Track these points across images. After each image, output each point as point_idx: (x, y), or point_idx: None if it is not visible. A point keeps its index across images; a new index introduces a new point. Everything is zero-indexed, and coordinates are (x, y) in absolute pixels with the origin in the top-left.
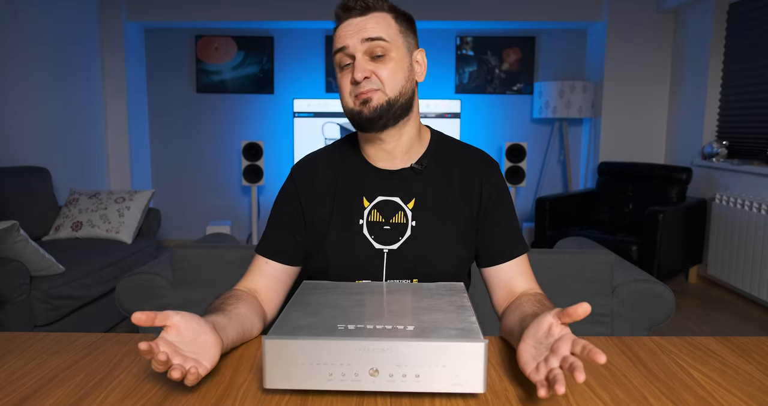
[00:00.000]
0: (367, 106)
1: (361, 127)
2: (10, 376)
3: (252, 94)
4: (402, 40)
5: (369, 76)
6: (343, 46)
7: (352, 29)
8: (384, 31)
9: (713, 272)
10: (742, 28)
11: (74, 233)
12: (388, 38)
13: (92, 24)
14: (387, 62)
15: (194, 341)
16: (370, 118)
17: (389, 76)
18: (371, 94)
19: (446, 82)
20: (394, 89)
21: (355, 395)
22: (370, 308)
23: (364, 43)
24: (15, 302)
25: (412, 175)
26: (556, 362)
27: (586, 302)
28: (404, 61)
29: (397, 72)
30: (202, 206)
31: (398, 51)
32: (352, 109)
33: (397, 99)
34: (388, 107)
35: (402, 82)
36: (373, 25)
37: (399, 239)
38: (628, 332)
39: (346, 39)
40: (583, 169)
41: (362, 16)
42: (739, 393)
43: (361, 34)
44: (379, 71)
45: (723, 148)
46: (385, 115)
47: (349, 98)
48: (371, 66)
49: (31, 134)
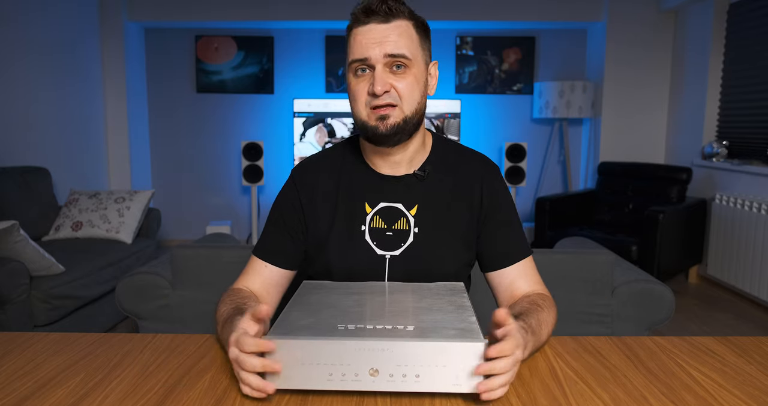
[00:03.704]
0: (384, 123)
1: (374, 142)
2: (10, 376)
3: (252, 94)
4: (421, 53)
5: (389, 90)
6: (364, 58)
7: (374, 38)
8: (406, 46)
9: (713, 272)
10: (742, 28)
11: (74, 233)
12: (410, 55)
13: (92, 24)
14: (407, 77)
15: None
16: (386, 135)
17: (408, 92)
18: (389, 110)
19: (446, 82)
20: (410, 106)
21: (355, 395)
22: (370, 308)
23: (387, 57)
24: (15, 302)
25: (414, 181)
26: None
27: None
28: (422, 76)
29: (415, 87)
30: (202, 206)
31: (418, 67)
32: (365, 122)
33: (413, 117)
34: (404, 125)
35: (418, 99)
36: (396, 37)
37: (401, 245)
38: (628, 332)
39: (368, 50)
40: (583, 169)
41: (385, 24)
42: (739, 393)
43: (384, 47)
44: (398, 85)
45: (723, 148)
46: (400, 133)
47: (364, 109)
48: (391, 79)
49: (31, 134)
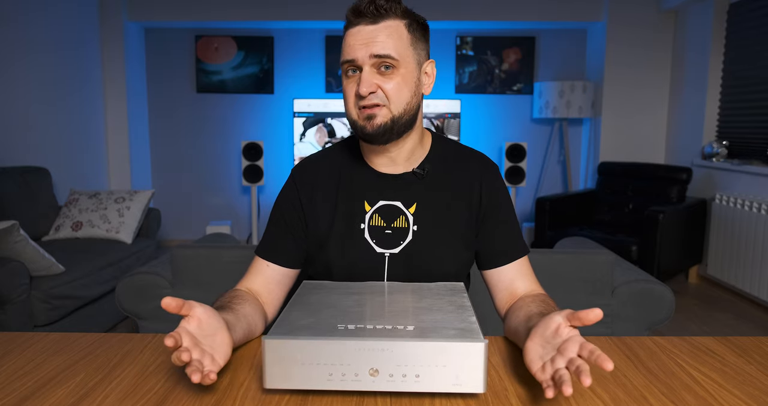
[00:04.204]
0: (371, 122)
1: (364, 140)
2: (10, 376)
3: (252, 94)
4: (412, 53)
5: (375, 91)
6: (351, 59)
7: (361, 39)
8: (394, 47)
9: (713, 272)
10: (742, 28)
11: (74, 233)
12: (398, 55)
13: (92, 24)
14: (394, 77)
15: (212, 337)
16: (373, 135)
17: (395, 93)
18: (376, 110)
19: (446, 82)
20: (399, 106)
21: (355, 395)
22: (370, 308)
23: (373, 58)
24: (15, 302)
25: (413, 179)
26: (563, 362)
27: (599, 309)
28: (412, 77)
29: (403, 88)
30: (202, 206)
31: (407, 67)
32: (356, 121)
33: (402, 116)
34: (392, 125)
35: (407, 99)
36: (384, 38)
37: (400, 243)
38: (628, 332)
39: (355, 51)
40: (583, 169)
41: (374, 25)
42: (739, 393)
43: (371, 47)
44: (386, 85)
45: (723, 148)
46: (389, 132)
47: (354, 109)
48: (378, 79)
49: (31, 134)
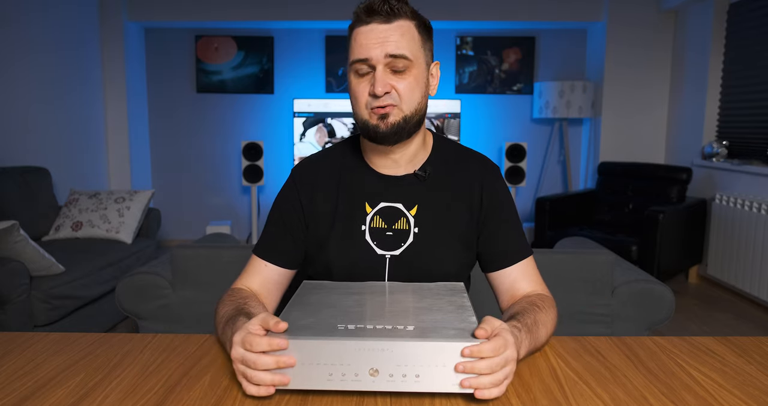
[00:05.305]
0: (385, 121)
1: (374, 140)
2: (10, 376)
3: (252, 94)
4: (423, 54)
5: (389, 91)
6: (365, 58)
7: (375, 38)
8: (408, 47)
9: (713, 272)
10: (742, 29)
11: (74, 233)
12: (411, 55)
13: (92, 24)
14: (407, 77)
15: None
16: (386, 134)
17: (408, 93)
18: (389, 109)
19: (446, 82)
20: (411, 106)
21: (355, 395)
22: (370, 308)
23: (387, 58)
24: (15, 302)
25: (415, 181)
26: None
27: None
28: (423, 77)
29: (415, 88)
30: (202, 206)
31: (419, 67)
32: (367, 121)
33: (413, 116)
34: (404, 124)
35: (419, 99)
36: (398, 37)
37: (401, 245)
38: (628, 332)
39: (370, 50)
40: (583, 169)
41: (387, 24)
42: (739, 393)
43: (385, 47)
44: (399, 85)
45: (723, 148)
46: (401, 132)
47: (365, 110)
48: (392, 79)
49: (31, 134)
